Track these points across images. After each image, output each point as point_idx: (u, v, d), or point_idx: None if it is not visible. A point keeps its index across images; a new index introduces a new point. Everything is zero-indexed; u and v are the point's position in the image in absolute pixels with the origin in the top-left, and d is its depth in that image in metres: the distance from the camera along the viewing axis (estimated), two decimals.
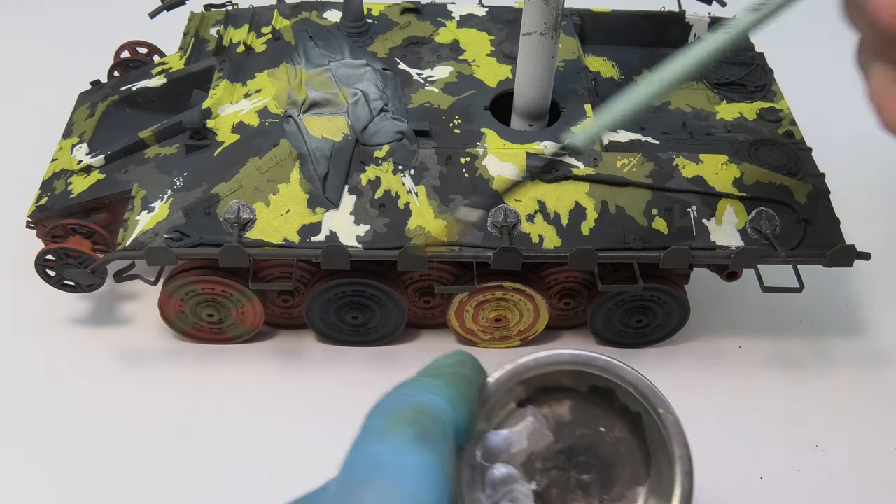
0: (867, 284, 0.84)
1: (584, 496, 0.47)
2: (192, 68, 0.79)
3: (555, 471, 0.47)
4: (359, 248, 0.67)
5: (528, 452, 0.47)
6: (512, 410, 0.48)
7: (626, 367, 0.47)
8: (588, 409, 0.49)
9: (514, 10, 0.86)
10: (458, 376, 0.42)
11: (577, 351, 0.47)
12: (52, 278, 0.72)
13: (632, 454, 0.48)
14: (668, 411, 0.47)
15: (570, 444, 0.48)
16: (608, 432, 0.48)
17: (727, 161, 0.70)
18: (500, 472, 0.46)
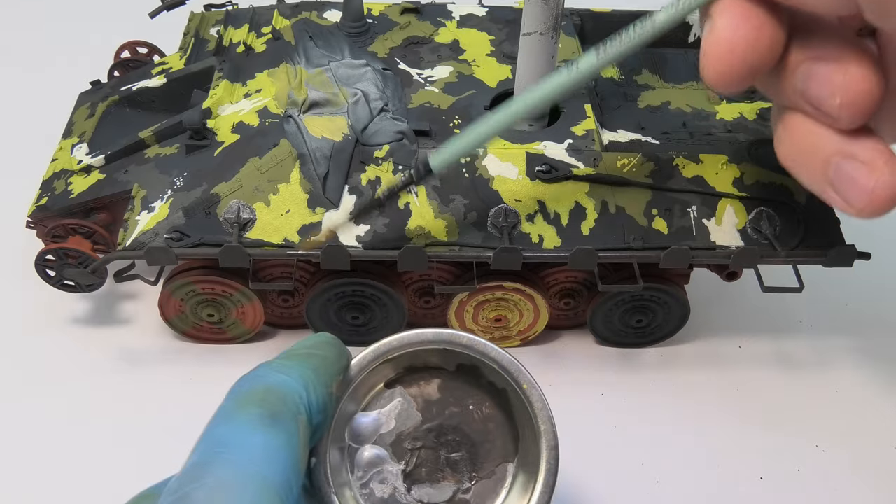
0: (867, 284, 0.84)
1: (454, 474, 0.47)
2: (192, 68, 0.79)
3: (424, 450, 0.48)
4: (359, 248, 0.67)
5: (397, 432, 0.47)
6: (380, 391, 0.48)
7: (490, 344, 0.48)
8: (456, 387, 0.49)
9: (514, 10, 0.86)
10: (314, 357, 0.42)
11: (440, 329, 0.47)
12: (52, 278, 0.72)
13: (500, 431, 0.49)
14: (532, 386, 0.47)
15: (439, 422, 0.48)
16: (476, 410, 0.49)
17: (727, 161, 0.70)
18: (369, 454, 0.47)
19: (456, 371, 0.49)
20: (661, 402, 0.75)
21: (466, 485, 0.48)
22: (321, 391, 0.40)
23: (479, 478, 0.48)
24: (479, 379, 0.49)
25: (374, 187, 0.68)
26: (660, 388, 0.76)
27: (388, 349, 0.47)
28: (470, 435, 0.48)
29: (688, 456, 0.71)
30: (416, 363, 0.49)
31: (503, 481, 0.48)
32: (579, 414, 0.74)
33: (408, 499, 0.47)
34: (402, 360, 0.48)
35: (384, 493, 0.47)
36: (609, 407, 0.75)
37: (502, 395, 0.49)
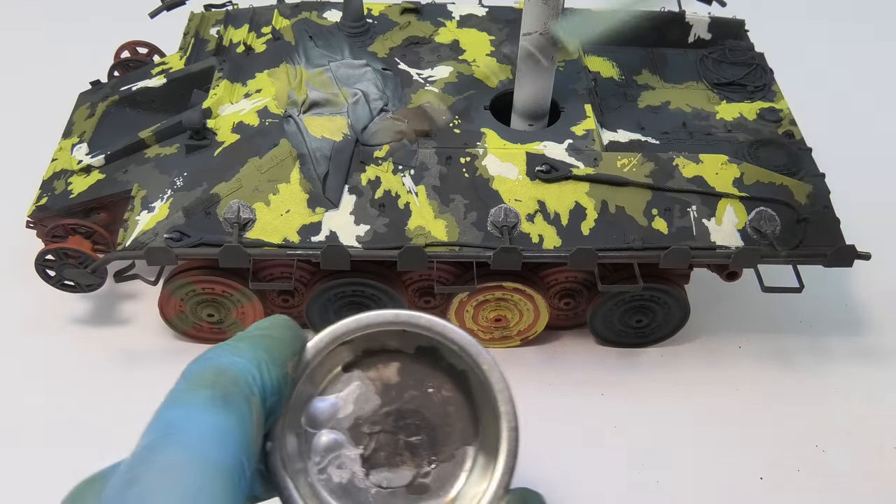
0: (867, 284, 0.84)
1: (413, 458, 0.47)
2: (192, 68, 0.79)
3: (382, 434, 0.47)
4: (359, 248, 0.67)
5: (355, 417, 0.47)
6: (338, 375, 0.48)
7: (449, 325, 0.47)
8: (415, 370, 0.48)
9: (514, 10, 0.86)
10: (268, 338, 0.42)
11: (399, 310, 0.47)
12: (52, 278, 0.72)
13: (460, 413, 0.48)
14: (492, 367, 0.47)
15: (398, 406, 0.47)
16: (436, 392, 0.48)
17: (727, 161, 0.70)
18: (327, 439, 0.46)
19: (415, 354, 0.49)
20: (661, 402, 0.75)
21: (426, 468, 0.47)
22: (275, 372, 0.40)
23: (439, 461, 0.48)
24: (439, 361, 0.49)
25: (374, 188, 0.68)
26: (660, 388, 0.76)
27: (345, 331, 0.47)
28: (429, 418, 0.48)
29: (688, 456, 0.71)
30: (375, 346, 0.49)
31: (463, 464, 0.48)
32: (579, 414, 0.74)
33: (366, 483, 0.47)
34: (360, 343, 0.48)
35: (342, 478, 0.47)
36: (609, 407, 0.75)
37: (462, 378, 0.49)
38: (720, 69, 0.82)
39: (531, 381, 0.76)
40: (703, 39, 0.86)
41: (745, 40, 0.86)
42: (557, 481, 0.69)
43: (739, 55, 0.84)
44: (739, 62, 0.83)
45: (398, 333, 0.48)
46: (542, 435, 0.72)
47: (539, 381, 0.76)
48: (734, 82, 0.81)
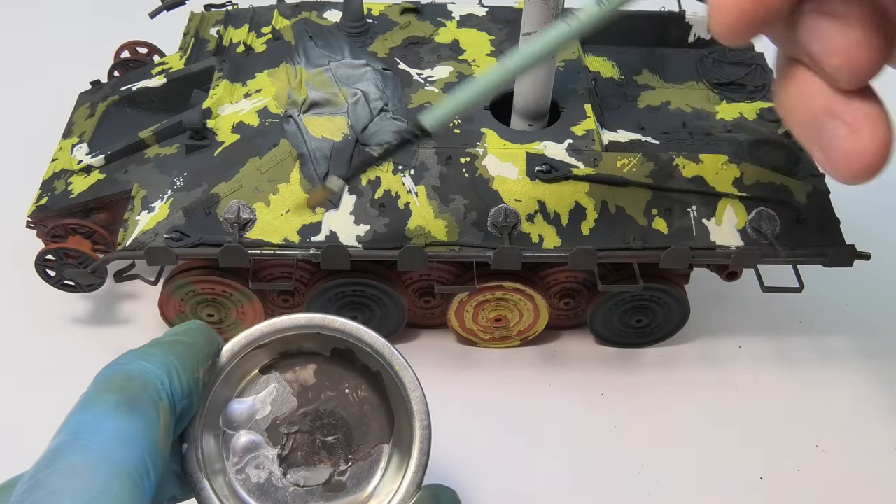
0: (867, 284, 0.84)
1: (330, 457, 0.48)
2: (192, 68, 0.79)
3: (300, 434, 0.48)
4: (359, 248, 0.67)
5: (273, 418, 0.48)
6: (255, 377, 0.49)
7: (362, 327, 0.49)
8: (332, 371, 0.50)
9: (514, 10, 0.86)
10: (179, 344, 0.43)
11: (313, 314, 0.48)
12: (52, 278, 0.72)
13: (376, 413, 0.49)
14: (404, 368, 0.49)
15: (315, 407, 0.49)
16: (352, 393, 0.50)
17: (727, 161, 0.70)
18: (244, 439, 0.47)
19: (331, 355, 0.50)
20: (661, 402, 0.75)
21: (343, 467, 0.49)
22: (186, 377, 0.41)
23: (355, 460, 0.49)
24: (355, 362, 0.50)
25: (374, 188, 0.68)
26: (660, 388, 0.76)
27: (260, 335, 0.48)
28: (346, 418, 0.49)
29: (688, 456, 0.71)
30: (291, 348, 0.50)
31: (379, 462, 0.49)
32: (579, 414, 0.74)
33: (284, 482, 0.48)
34: (276, 346, 0.50)
35: (260, 477, 0.48)
36: (609, 407, 0.75)
37: (377, 378, 0.50)
38: (720, 69, 0.82)
39: (531, 381, 0.76)
40: (703, 39, 0.86)
41: None
42: (557, 481, 0.69)
43: (739, 55, 0.84)
44: (739, 62, 0.83)
45: (314, 336, 0.49)
46: (542, 435, 0.72)
47: (539, 381, 0.76)
48: (734, 82, 0.81)
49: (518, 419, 0.73)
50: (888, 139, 0.33)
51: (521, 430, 0.73)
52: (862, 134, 0.33)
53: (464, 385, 0.76)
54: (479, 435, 0.72)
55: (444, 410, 0.74)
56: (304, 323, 0.49)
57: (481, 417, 0.73)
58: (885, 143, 0.33)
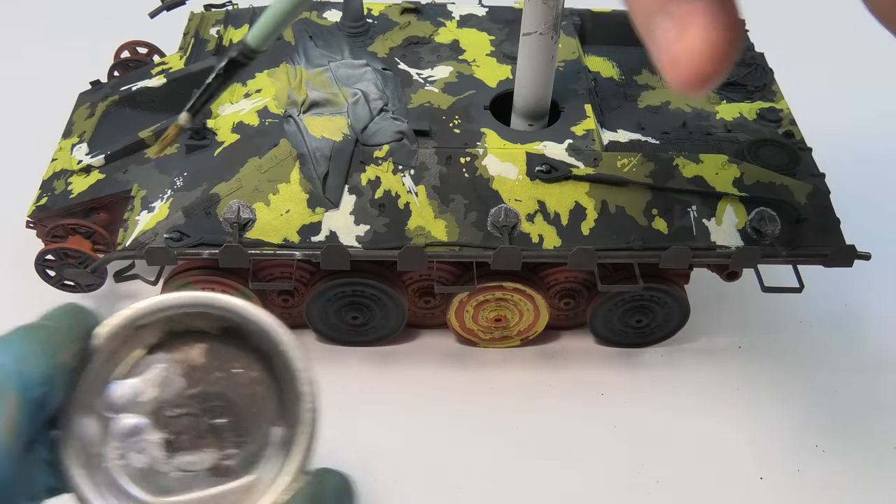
0: (867, 284, 0.84)
1: (217, 440, 0.47)
2: (192, 68, 0.79)
3: (186, 417, 0.46)
4: (359, 248, 0.67)
5: (158, 400, 0.46)
6: (141, 358, 0.48)
7: (249, 305, 0.47)
8: (222, 351, 0.48)
9: (514, 10, 0.86)
10: (42, 328, 0.41)
11: (199, 292, 0.46)
12: (52, 278, 0.72)
13: (268, 394, 0.48)
14: (291, 348, 0.47)
15: (203, 388, 0.47)
16: (243, 374, 0.48)
17: (727, 161, 0.70)
18: (126, 423, 0.45)
19: (222, 334, 0.49)
20: (662, 402, 0.75)
21: (231, 451, 0.47)
22: (45, 362, 0.39)
23: (244, 443, 0.48)
24: (246, 342, 0.49)
25: (374, 188, 0.68)
26: (660, 388, 0.76)
27: (139, 314, 0.46)
28: (235, 400, 0.48)
29: (688, 456, 0.71)
30: (179, 328, 0.48)
31: (269, 445, 0.48)
32: (579, 414, 0.74)
33: (167, 467, 0.46)
34: (163, 325, 0.48)
35: (142, 462, 0.46)
36: (609, 407, 0.75)
37: (269, 359, 0.49)
38: None
39: (531, 381, 0.76)
40: None
41: (745, 40, 0.86)
42: (558, 481, 0.69)
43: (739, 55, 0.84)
44: (739, 62, 0.83)
45: (204, 314, 0.47)
46: (542, 435, 0.72)
47: (539, 381, 0.76)
48: (734, 82, 0.81)
49: (518, 419, 0.73)
50: (722, 40, 0.27)
51: (521, 430, 0.73)
52: (689, 33, 0.27)
53: (464, 385, 0.76)
54: (479, 435, 0.72)
55: (444, 410, 0.74)
56: (188, 301, 0.47)
57: (481, 417, 0.73)
58: (716, 45, 0.27)
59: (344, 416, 0.73)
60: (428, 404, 0.74)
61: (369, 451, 0.70)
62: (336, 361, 0.77)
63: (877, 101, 1.06)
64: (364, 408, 0.73)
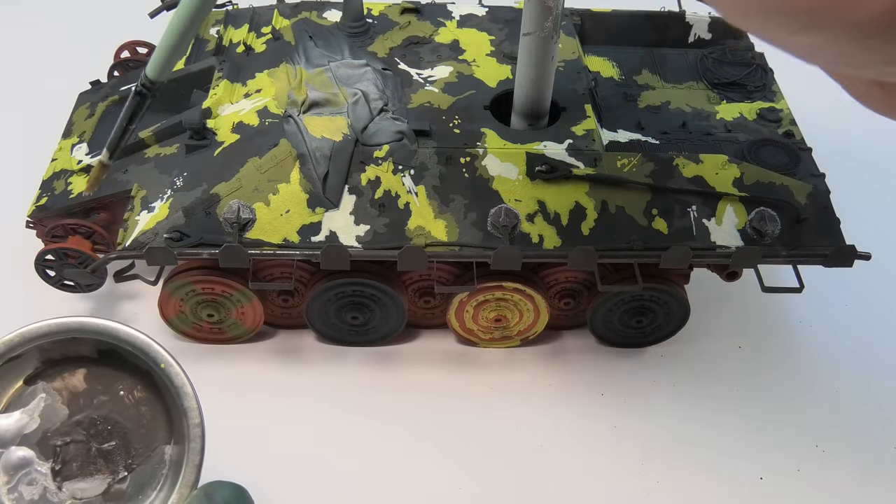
0: (867, 284, 0.84)
1: (107, 465, 0.47)
2: (192, 68, 0.79)
3: (73, 444, 0.47)
4: (359, 248, 0.67)
5: (43, 430, 0.46)
6: (20, 389, 0.47)
7: (121, 325, 0.47)
8: (103, 374, 0.48)
9: (514, 10, 0.86)
10: None
11: (66, 318, 0.46)
12: (52, 278, 0.72)
13: (154, 413, 0.48)
14: (170, 365, 0.47)
15: (88, 414, 0.47)
16: (127, 395, 0.48)
17: (727, 161, 0.70)
18: (14, 456, 0.46)
19: (99, 358, 0.48)
20: (661, 402, 0.75)
21: (123, 473, 0.47)
22: None
23: (136, 465, 0.47)
24: (125, 363, 0.48)
25: (374, 188, 0.68)
26: (660, 388, 0.76)
27: (8, 348, 0.46)
28: (122, 422, 0.48)
29: (688, 456, 0.71)
30: (54, 355, 0.48)
31: (162, 464, 0.48)
32: (579, 414, 0.74)
33: (59, 497, 0.46)
34: (36, 354, 0.48)
35: (34, 494, 0.46)
36: (609, 407, 0.75)
37: (150, 377, 0.48)
38: (720, 69, 0.82)
39: (531, 381, 0.76)
40: (703, 39, 0.86)
41: (745, 40, 0.86)
42: (558, 481, 0.69)
43: (739, 55, 0.84)
44: (739, 62, 0.83)
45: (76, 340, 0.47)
46: (542, 435, 0.72)
47: (539, 381, 0.76)
48: (734, 82, 0.81)
49: (518, 419, 0.73)
50: None
51: (521, 430, 0.73)
52: None
53: (464, 385, 0.76)
54: (479, 435, 0.72)
55: (444, 410, 0.74)
56: (56, 328, 0.47)
57: (481, 417, 0.73)
58: None
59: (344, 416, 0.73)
60: (428, 404, 0.74)
61: (369, 451, 0.70)
62: (336, 361, 0.77)
63: None
64: (363, 408, 0.73)
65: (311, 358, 0.77)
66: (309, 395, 0.74)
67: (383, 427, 0.72)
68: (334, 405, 0.73)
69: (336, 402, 0.73)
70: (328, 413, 0.72)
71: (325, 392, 0.74)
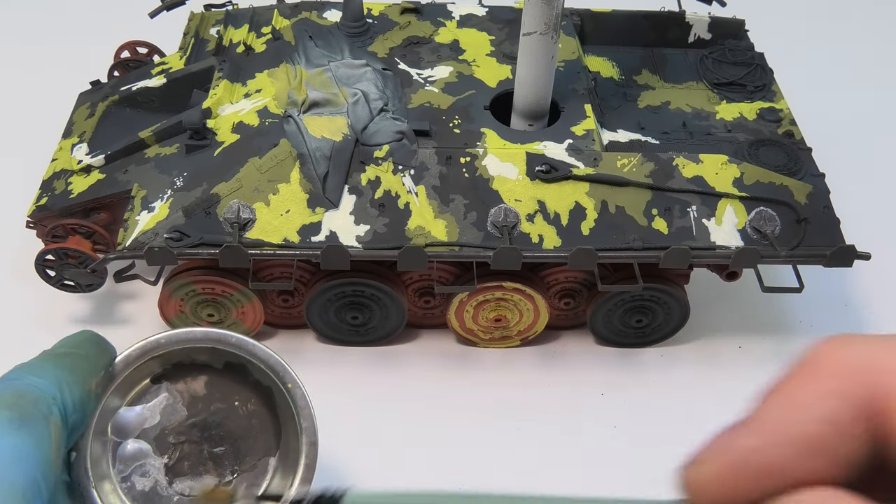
0: (867, 284, 0.84)
1: (216, 468, 0.49)
2: (192, 68, 0.79)
3: (187, 444, 0.49)
4: (359, 248, 0.67)
5: (161, 427, 0.49)
6: (146, 387, 0.50)
7: (258, 344, 0.50)
8: (223, 384, 0.50)
9: (514, 10, 0.86)
10: (72, 356, 0.42)
11: (210, 329, 0.49)
12: (52, 278, 0.72)
13: (264, 427, 0.50)
14: (297, 385, 0.50)
15: (204, 418, 0.50)
16: (242, 406, 0.50)
17: (727, 161, 0.70)
18: (132, 447, 0.48)
19: (223, 368, 0.51)
20: (662, 402, 0.75)
21: (228, 478, 0.50)
22: (77, 390, 0.41)
23: (241, 471, 0.50)
24: (247, 377, 0.51)
25: (374, 188, 0.68)
26: (660, 388, 0.76)
27: (155, 346, 0.49)
28: (233, 430, 0.50)
29: None
30: (184, 360, 0.51)
31: (265, 474, 0.51)
32: (579, 414, 0.74)
33: (169, 491, 0.49)
34: (169, 357, 0.50)
35: (145, 485, 0.48)
36: (609, 407, 0.74)
37: (267, 393, 0.51)
38: (720, 69, 0.82)
39: (531, 381, 0.76)
40: (703, 39, 0.86)
41: (745, 40, 0.86)
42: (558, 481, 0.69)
43: (739, 55, 0.84)
44: (739, 62, 0.83)
45: (207, 349, 0.50)
46: (542, 435, 0.72)
47: (539, 381, 0.76)
48: (734, 82, 0.81)
49: (518, 419, 0.73)
50: None
51: (521, 430, 0.73)
52: None
53: (464, 385, 0.76)
54: (479, 435, 0.72)
55: (444, 410, 0.74)
56: (201, 337, 0.49)
57: (481, 417, 0.73)
58: None
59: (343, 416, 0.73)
60: (428, 404, 0.74)
61: (369, 451, 0.70)
62: (336, 361, 0.77)
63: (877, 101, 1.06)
64: (363, 408, 0.73)
65: (311, 358, 0.77)
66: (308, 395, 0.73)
67: (383, 427, 0.72)
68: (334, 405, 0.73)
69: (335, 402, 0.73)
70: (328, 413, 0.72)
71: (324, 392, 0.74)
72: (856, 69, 1.11)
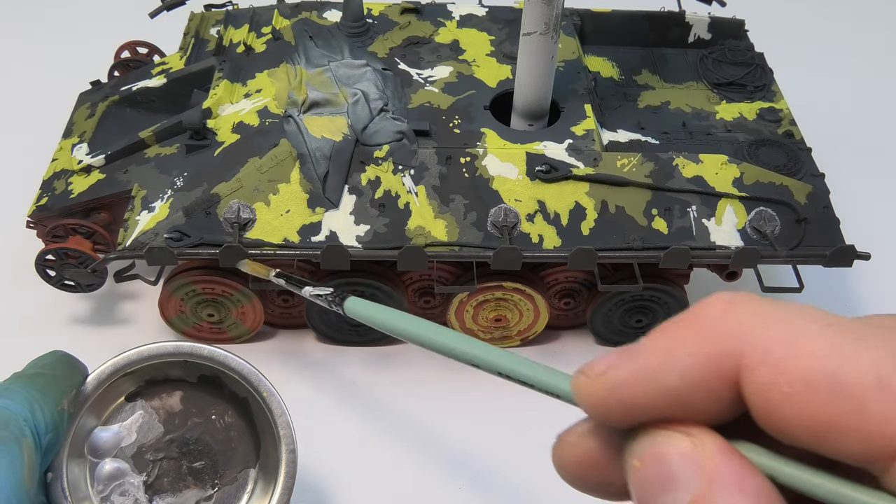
0: (867, 284, 0.84)
1: (196, 482, 0.49)
2: (192, 68, 0.79)
3: (166, 460, 0.49)
4: (359, 248, 0.67)
5: (139, 445, 0.49)
6: (121, 405, 0.50)
7: (231, 354, 0.50)
8: (199, 397, 0.51)
9: (514, 10, 0.86)
10: (41, 377, 0.42)
11: (181, 342, 0.49)
12: (53, 278, 0.72)
13: (242, 438, 0.50)
14: (272, 394, 0.50)
15: (181, 433, 0.50)
16: (219, 419, 0.51)
17: (727, 161, 0.70)
18: (109, 467, 0.48)
19: (198, 382, 0.51)
20: None
21: (209, 492, 0.50)
22: (49, 410, 0.41)
23: (222, 484, 0.50)
24: (222, 389, 0.51)
25: (374, 188, 0.68)
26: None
27: (127, 363, 0.49)
28: (212, 444, 0.51)
29: None
30: (158, 376, 0.51)
31: (245, 486, 0.51)
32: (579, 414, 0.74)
33: None
34: (142, 373, 0.50)
35: None
36: None
37: (244, 404, 0.51)
38: (720, 69, 0.82)
39: None
40: (703, 39, 0.86)
41: (745, 40, 0.86)
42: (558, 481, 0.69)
43: (739, 55, 0.84)
44: (739, 62, 0.83)
45: (180, 363, 0.50)
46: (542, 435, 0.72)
47: None
48: (734, 82, 0.81)
49: (518, 420, 0.73)
50: None
51: (521, 430, 0.73)
52: None
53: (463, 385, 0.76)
54: (479, 435, 0.72)
55: (444, 410, 0.74)
56: (172, 351, 0.50)
57: (481, 418, 0.73)
58: None
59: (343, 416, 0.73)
60: (428, 404, 0.74)
61: (368, 450, 0.70)
62: (336, 361, 0.77)
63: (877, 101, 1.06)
64: (363, 409, 0.73)
65: (311, 358, 0.77)
66: (308, 395, 0.74)
67: (383, 427, 0.72)
68: (333, 405, 0.73)
69: (335, 402, 0.73)
70: (327, 413, 0.72)
71: (324, 392, 0.74)
72: (856, 69, 1.11)
